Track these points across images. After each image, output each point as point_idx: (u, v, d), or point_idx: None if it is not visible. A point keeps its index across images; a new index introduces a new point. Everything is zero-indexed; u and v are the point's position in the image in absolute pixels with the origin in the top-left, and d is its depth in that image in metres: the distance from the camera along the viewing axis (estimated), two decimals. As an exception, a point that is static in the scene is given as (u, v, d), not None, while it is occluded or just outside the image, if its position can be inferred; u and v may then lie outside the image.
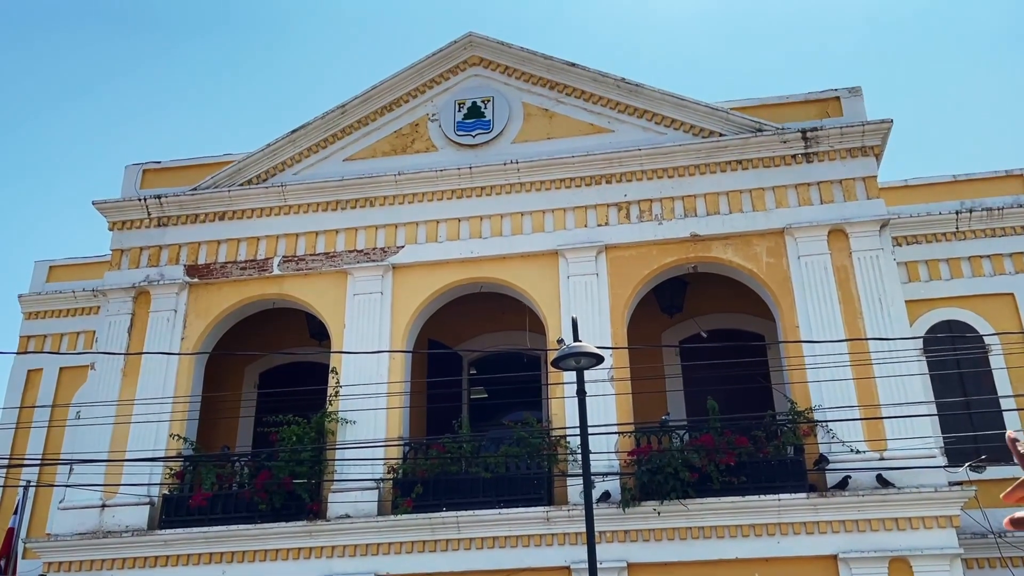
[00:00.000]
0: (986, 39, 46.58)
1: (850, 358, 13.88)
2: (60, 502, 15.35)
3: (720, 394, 14.50)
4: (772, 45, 50.33)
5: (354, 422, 14.84)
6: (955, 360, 16.20)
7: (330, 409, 15.02)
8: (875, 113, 16.48)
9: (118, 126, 50.45)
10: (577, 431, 12.09)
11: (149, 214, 17.16)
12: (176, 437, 15.30)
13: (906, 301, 15.10)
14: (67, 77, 49.66)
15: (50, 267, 20.49)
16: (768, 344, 16.46)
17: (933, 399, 14.76)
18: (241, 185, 17.14)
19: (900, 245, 17.10)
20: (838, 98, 16.13)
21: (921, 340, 15.86)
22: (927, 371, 14.98)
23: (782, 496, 13.30)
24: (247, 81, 52.49)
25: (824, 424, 13.71)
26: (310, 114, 17.44)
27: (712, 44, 50.52)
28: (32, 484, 16.16)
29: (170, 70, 50.54)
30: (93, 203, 17.29)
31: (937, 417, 14.57)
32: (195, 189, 17.17)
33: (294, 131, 17.26)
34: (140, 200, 17.13)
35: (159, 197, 17.09)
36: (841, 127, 15.47)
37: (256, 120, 51.02)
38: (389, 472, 14.57)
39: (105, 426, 15.28)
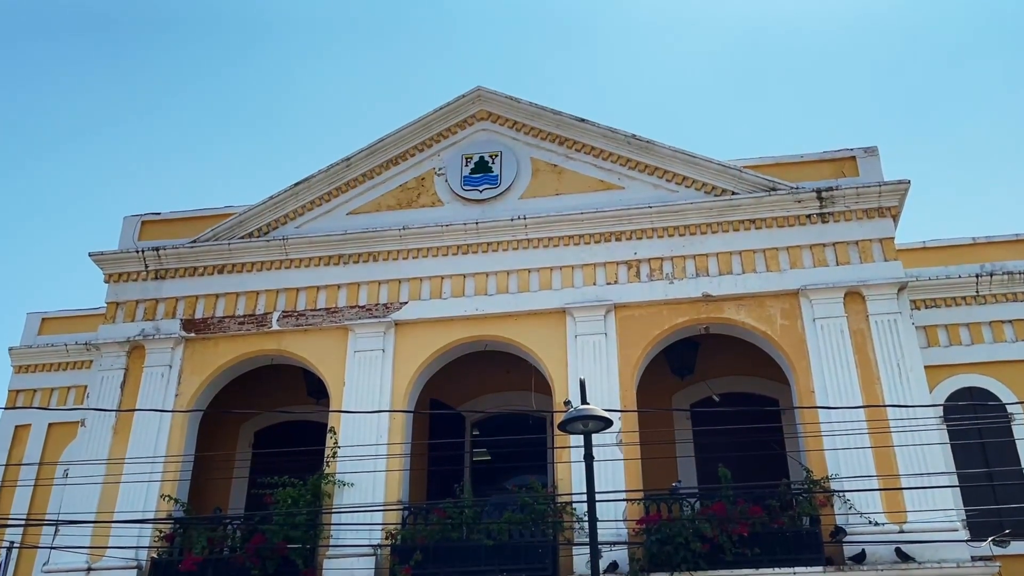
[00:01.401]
0: (1006, 99, 47.08)
1: (868, 425, 13.78)
2: (44, 564, 15.18)
3: (733, 461, 14.40)
4: (787, 104, 50.93)
5: (352, 485, 14.75)
6: (977, 429, 16.07)
7: (327, 471, 14.94)
8: (892, 173, 16.63)
9: (117, 176, 50.97)
10: (584, 497, 11.97)
11: (146, 266, 17.27)
12: (167, 498, 15.20)
13: (925, 367, 15.07)
14: (65, 125, 50.31)
15: (42, 319, 20.51)
16: (783, 409, 16.38)
17: (954, 469, 14.63)
18: (242, 238, 17.27)
19: (919, 309, 17.09)
20: (854, 158, 16.27)
21: (941, 408, 15.76)
22: (948, 440, 14.86)
23: (797, 569, 13.13)
24: (251, 133, 53.13)
25: (841, 494, 13.58)
26: (314, 167, 17.59)
27: (725, 102, 51.14)
28: (16, 545, 16.03)
29: (172, 120, 51.20)
30: (89, 255, 17.44)
31: (959, 488, 14.42)
32: (195, 241, 17.30)
33: (297, 184, 17.44)
34: (138, 252, 17.26)
35: (157, 249, 17.22)
36: (857, 187, 15.59)
37: (259, 173, 51.54)
38: (387, 538, 14.41)
39: (93, 485, 15.21)
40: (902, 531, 13.26)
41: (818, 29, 49.66)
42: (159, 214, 18.16)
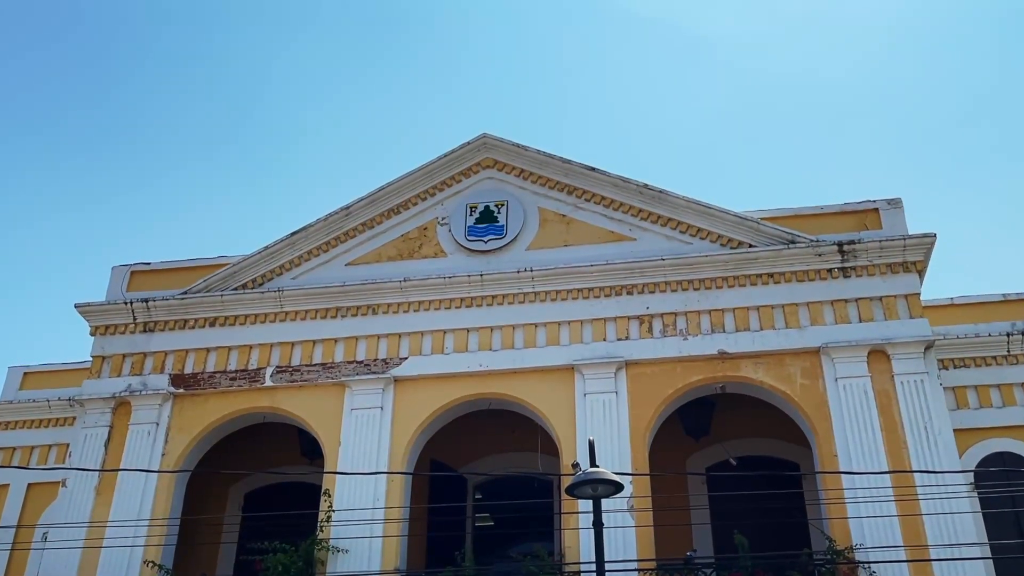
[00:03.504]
0: (1034, 151, 47.30)
1: (894, 492, 13.65)
2: (19, 634, 15.04)
3: (751, 528, 14.24)
4: (806, 154, 51.25)
5: (346, 551, 14.62)
6: (1010, 497, 15.91)
7: (320, 536, 14.80)
8: (917, 226, 16.64)
9: (105, 225, 51.28)
10: (593, 567, 11.84)
11: (135, 318, 17.30)
12: (151, 564, 15.07)
13: (954, 430, 14.95)
14: (52, 171, 50.73)
15: (24, 373, 20.51)
16: (804, 474, 16.25)
17: (987, 540, 14.45)
18: (235, 289, 17.32)
19: (947, 369, 16.99)
20: (877, 210, 16.32)
21: (972, 474, 15.62)
22: (979, 509, 14.71)
23: (820, 646, 12.94)
24: (246, 182, 53.51)
25: (866, 565, 13.41)
26: (312, 217, 17.70)
27: (741, 152, 51.50)
28: (-10, 613, 15.86)
29: (164, 167, 51.59)
30: (75, 306, 17.49)
31: (991, 560, 14.24)
32: (185, 293, 17.35)
33: (294, 233, 17.53)
34: (126, 303, 17.32)
35: (146, 301, 17.27)
36: (880, 240, 15.61)
37: (254, 223, 51.82)
38: (383, 608, 14.27)
39: (74, 550, 15.09)
40: (932, 606, 13.07)
41: (839, 77, 50.19)
42: (149, 264, 18.24)
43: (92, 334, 17.49)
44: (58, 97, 50.51)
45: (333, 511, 14.94)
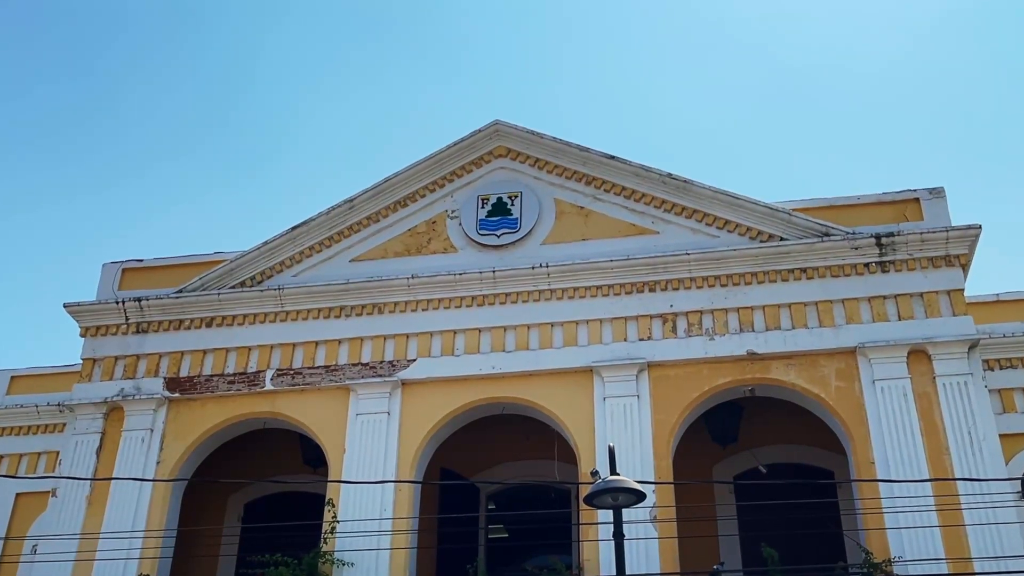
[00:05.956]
0: (1087, 135, 46.99)
1: (935, 501, 13.65)
2: (7, 652, 15.18)
3: (781, 540, 14.23)
4: (841, 143, 51.07)
5: (352, 564, 14.70)
6: (1060, 507, 15.85)
7: (324, 548, 14.89)
8: (960, 218, 16.58)
9: (96, 221, 51.56)
10: (613, 581, 11.88)
11: (127, 319, 17.41)
12: (145, 578, 15.19)
13: (1000, 435, 14.90)
14: (40, 163, 51.06)
15: (12, 377, 20.67)
16: (839, 482, 16.24)
17: (1035, 553, 14.41)
18: (232, 287, 17.40)
19: (992, 369, 16.94)
20: (918, 200, 16.27)
21: (1019, 482, 15.58)
22: (1027, 519, 14.68)
23: (856, 665, 12.94)
24: (244, 176, 53.69)
25: (906, 579, 13.41)
26: (313, 211, 17.73)
27: (771, 140, 51.37)
28: (-24, 630, 16.00)
29: (157, 160, 51.84)
30: (64, 306, 17.62)
31: (1041, 575, 14.21)
32: (180, 291, 17.44)
33: (295, 228, 17.59)
34: (118, 303, 17.42)
35: (139, 300, 17.37)
36: (921, 232, 15.56)
37: (253, 218, 51.91)
38: (391, 625, 14.34)
39: (65, 562, 15.20)
40: (975, 622, 13.04)
41: (876, 59, 49.96)
42: (141, 261, 18.35)
43: (82, 335, 17.61)
44: (45, 87, 50.81)
45: (338, 522, 15.02)
